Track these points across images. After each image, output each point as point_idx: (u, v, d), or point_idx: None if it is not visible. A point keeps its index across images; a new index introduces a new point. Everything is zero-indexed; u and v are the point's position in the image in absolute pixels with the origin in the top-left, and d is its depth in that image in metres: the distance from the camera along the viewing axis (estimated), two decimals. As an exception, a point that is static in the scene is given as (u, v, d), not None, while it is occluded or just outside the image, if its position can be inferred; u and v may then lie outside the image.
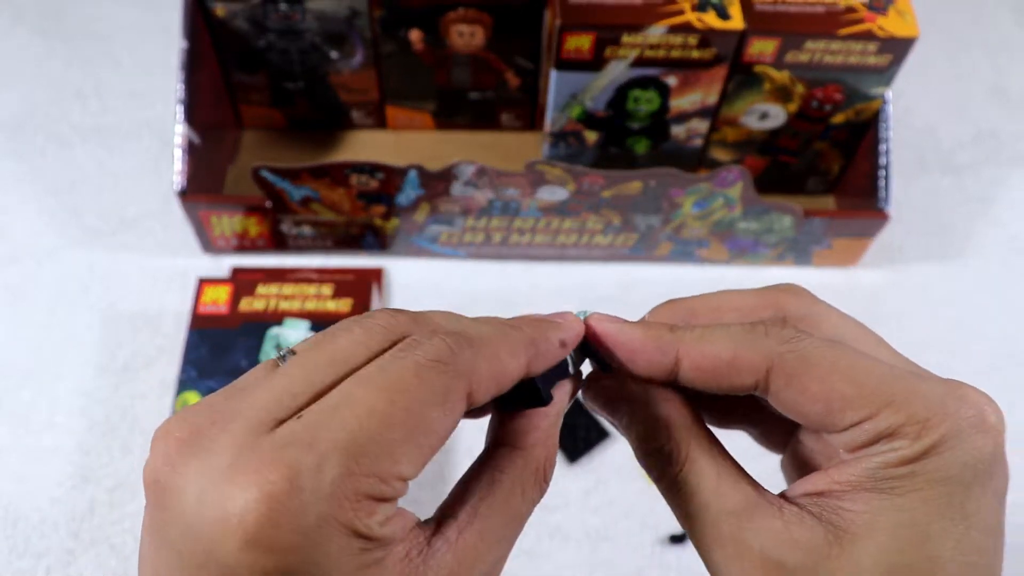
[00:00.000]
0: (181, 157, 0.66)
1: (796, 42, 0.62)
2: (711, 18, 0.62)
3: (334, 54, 0.70)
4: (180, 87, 0.66)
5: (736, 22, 0.62)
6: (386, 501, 0.22)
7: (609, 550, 0.58)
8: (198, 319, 0.63)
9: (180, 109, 0.66)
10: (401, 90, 0.74)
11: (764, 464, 0.32)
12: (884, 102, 0.67)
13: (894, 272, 0.74)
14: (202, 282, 0.65)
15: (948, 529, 0.24)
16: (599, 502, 0.60)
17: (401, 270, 0.71)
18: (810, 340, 0.26)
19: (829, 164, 0.73)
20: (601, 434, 0.63)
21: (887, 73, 0.64)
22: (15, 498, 0.59)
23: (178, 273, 0.69)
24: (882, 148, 0.68)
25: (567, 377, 0.29)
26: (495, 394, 0.25)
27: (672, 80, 0.65)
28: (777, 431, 0.32)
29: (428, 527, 0.25)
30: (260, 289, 0.64)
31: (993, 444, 0.24)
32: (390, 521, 0.22)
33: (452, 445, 0.63)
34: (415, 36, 0.69)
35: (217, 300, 0.64)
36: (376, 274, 0.70)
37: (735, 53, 0.63)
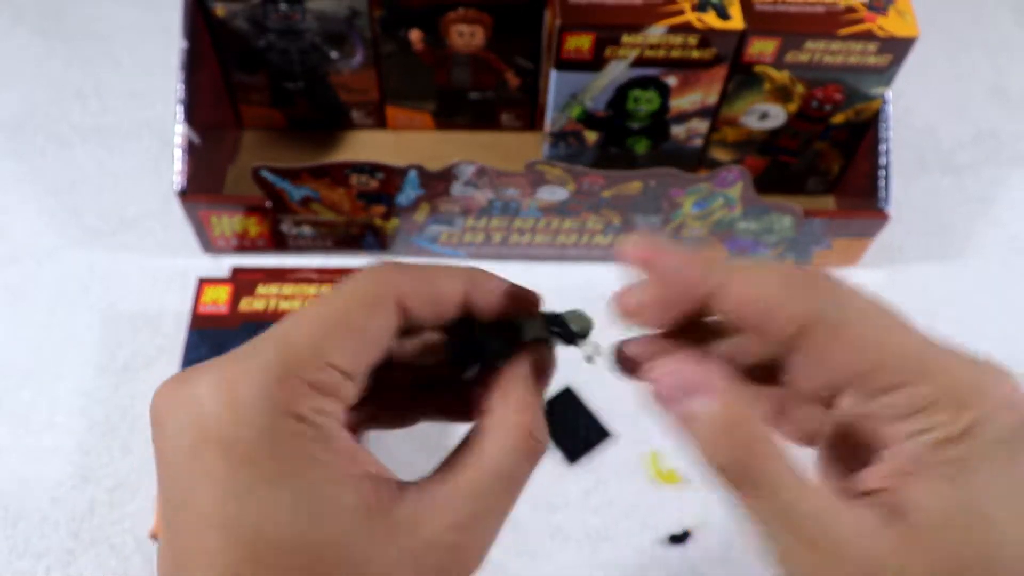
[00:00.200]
0: (181, 157, 0.66)
1: (796, 42, 0.62)
2: (711, 18, 0.62)
3: (334, 54, 0.70)
4: (180, 87, 0.66)
5: (736, 22, 0.62)
6: (325, 394, 0.25)
7: (610, 550, 0.58)
8: (198, 319, 0.63)
9: (180, 109, 0.66)
10: (401, 90, 0.74)
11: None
12: (884, 102, 0.67)
13: (894, 272, 0.74)
14: (202, 282, 0.65)
15: (1006, 505, 0.25)
16: (599, 502, 0.60)
17: (401, 270, 0.71)
18: (851, 299, 0.27)
19: (829, 164, 0.73)
20: (601, 434, 0.63)
21: (887, 73, 0.64)
22: (15, 498, 0.59)
23: (178, 273, 0.69)
24: (882, 148, 0.68)
25: (535, 343, 0.31)
26: (437, 314, 0.28)
27: (672, 80, 0.65)
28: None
29: (402, 483, 0.27)
30: (260, 289, 0.64)
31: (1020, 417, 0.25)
32: (326, 413, 0.25)
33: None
34: (415, 36, 0.69)
35: (217, 300, 0.64)
36: (376, 274, 0.70)
37: (735, 53, 0.63)
